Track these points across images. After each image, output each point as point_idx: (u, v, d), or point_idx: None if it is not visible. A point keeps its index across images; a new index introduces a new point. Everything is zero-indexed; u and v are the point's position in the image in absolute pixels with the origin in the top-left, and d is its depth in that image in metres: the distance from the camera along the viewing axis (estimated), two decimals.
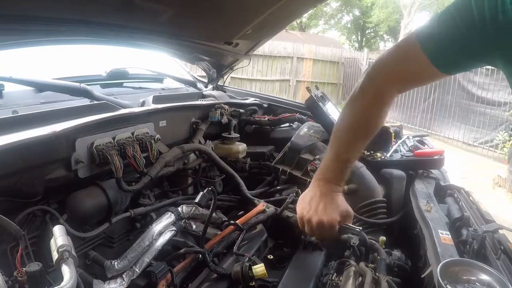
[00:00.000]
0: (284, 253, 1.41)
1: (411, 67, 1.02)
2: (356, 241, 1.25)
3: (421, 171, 1.70)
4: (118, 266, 1.16)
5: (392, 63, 1.06)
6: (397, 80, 1.09)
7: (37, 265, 0.83)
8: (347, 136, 1.15)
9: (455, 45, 0.89)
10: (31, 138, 1.02)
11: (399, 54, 1.05)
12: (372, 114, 1.13)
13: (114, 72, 1.97)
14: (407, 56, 1.01)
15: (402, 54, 1.04)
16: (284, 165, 1.88)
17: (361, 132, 1.15)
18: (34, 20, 1.26)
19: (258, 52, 10.17)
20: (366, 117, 1.13)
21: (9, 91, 1.46)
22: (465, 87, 8.72)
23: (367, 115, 1.13)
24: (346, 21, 25.14)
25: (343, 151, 1.15)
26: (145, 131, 1.41)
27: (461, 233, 1.19)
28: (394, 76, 1.08)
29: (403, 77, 1.08)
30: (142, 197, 1.48)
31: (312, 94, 1.95)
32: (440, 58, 0.94)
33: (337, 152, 1.15)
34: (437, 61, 0.94)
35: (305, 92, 3.75)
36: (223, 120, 1.95)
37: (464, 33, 0.86)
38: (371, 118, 1.14)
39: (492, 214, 1.29)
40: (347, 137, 1.15)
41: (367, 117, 1.13)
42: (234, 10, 1.79)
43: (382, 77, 1.08)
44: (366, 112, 1.12)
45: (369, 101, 1.11)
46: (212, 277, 1.16)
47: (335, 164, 1.16)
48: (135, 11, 1.48)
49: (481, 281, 0.87)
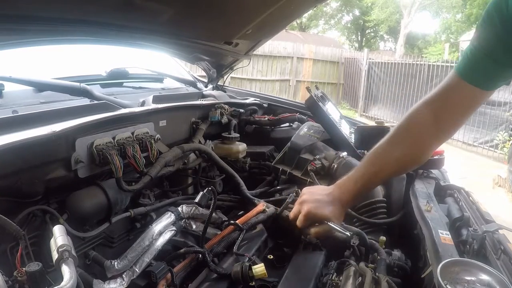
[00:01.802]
0: (284, 253, 1.41)
1: (459, 100, 1.02)
2: (356, 241, 1.25)
3: (421, 171, 1.70)
4: (118, 266, 1.16)
5: (440, 104, 1.05)
6: (446, 121, 1.07)
7: (37, 265, 0.83)
8: (376, 176, 1.15)
9: (486, 58, 0.92)
10: (31, 138, 1.02)
11: (445, 92, 1.05)
12: (408, 162, 1.14)
13: (114, 72, 1.97)
14: (453, 90, 1.02)
15: (447, 90, 1.04)
16: (284, 165, 1.88)
17: (390, 174, 1.18)
18: (34, 20, 1.26)
19: (258, 52, 10.17)
20: (402, 165, 1.15)
21: (9, 91, 1.46)
22: None
23: (404, 163, 1.14)
24: (346, 21, 25.16)
25: (372, 176, 1.15)
26: (145, 131, 1.41)
27: (461, 233, 1.19)
28: (442, 118, 1.06)
29: (452, 114, 1.06)
30: (142, 197, 1.48)
31: (312, 94, 1.95)
32: (478, 77, 0.96)
33: (365, 174, 1.15)
34: (477, 81, 0.96)
35: (305, 92, 3.76)
36: (223, 120, 1.95)
37: (490, 43, 0.90)
38: (406, 166, 1.17)
39: (492, 214, 1.29)
40: (376, 177, 1.15)
41: (404, 165, 1.15)
42: (234, 10, 1.78)
43: (427, 121, 1.07)
44: (403, 160, 1.13)
45: (406, 150, 1.11)
46: (212, 277, 1.16)
47: (356, 187, 1.16)
48: (135, 11, 1.47)
49: (481, 281, 0.87)
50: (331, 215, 1.14)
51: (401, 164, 1.15)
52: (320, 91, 2.13)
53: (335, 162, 1.72)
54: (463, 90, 0.99)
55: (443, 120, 1.06)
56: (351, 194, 1.16)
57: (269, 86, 12.19)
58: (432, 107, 1.06)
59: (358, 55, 13.25)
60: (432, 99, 1.07)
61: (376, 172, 1.14)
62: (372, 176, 1.14)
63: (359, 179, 1.14)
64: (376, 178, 1.16)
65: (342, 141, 1.85)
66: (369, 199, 1.55)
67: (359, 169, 1.17)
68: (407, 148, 1.10)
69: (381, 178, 1.18)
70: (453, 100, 1.03)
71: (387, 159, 1.12)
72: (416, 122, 1.09)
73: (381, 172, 1.14)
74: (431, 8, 19.48)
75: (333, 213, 1.15)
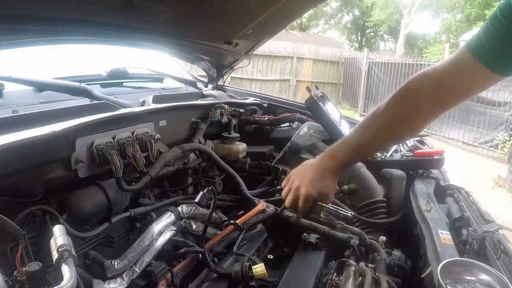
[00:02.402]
0: (284, 253, 1.41)
1: (466, 78, 0.99)
2: (356, 241, 1.25)
3: (421, 171, 1.70)
4: (118, 266, 1.16)
5: (445, 77, 1.02)
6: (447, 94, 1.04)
7: (37, 265, 0.83)
8: (376, 134, 1.11)
9: (504, 42, 0.88)
10: (31, 138, 1.02)
11: (453, 67, 1.01)
12: (407, 125, 1.09)
13: (114, 71, 1.97)
14: (462, 67, 0.98)
15: (456, 66, 1.00)
16: (284, 165, 1.88)
17: (387, 137, 1.13)
18: (34, 20, 1.26)
19: (258, 52, 10.17)
20: (398, 126, 1.10)
21: (9, 91, 1.46)
22: None
23: (401, 125, 1.09)
24: (346, 21, 25.16)
25: (365, 143, 1.12)
26: (145, 130, 1.41)
27: (461, 233, 1.20)
28: (445, 90, 1.03)
29: (456, 90, 1.03)
30: (142, 197, 1.48)
31: (312, 94, 1.95)
32: (493, 59, 0.92)
33: (356, 140, 1.12)
34: (491, 63, 0.93)
35: (305, 92, 3.76)
36: (223, 120, 1.95)
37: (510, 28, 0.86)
38: (403, 128, 1.11)
39: (492, 214, 1.29)
40: (375, 135, 1.11)
41: (400, 127, 1.10)
42: (234, 10, 1.78)
43: (427, 92, 1.04)
44: (400, 122, 1.09)
45: (404, 113, 1.07)
46: (212, 277, 1.16)
47: (348, 148, 1.13)
48: (135, 11, 1.47)
49: (481, 281, 0.87)
50: (329, 190, 1.14)
51: (396, 131, 1.11)
52: (320, 91, 2.13)
53: None
54: (475, 70, 0.95)
55: (446, 94, 1.03)
56: (342, 164, 1.14)
57: (269, 86, 12.18)
58: (436, 81, 1.02)
59: (358, 55, 13.24)
60: (437, 73, 1.03)
61: (370, 140, 1.11)
62: (366, 144, 1.11)
63: (352, 149, 1.12)
64: (369, 147, 1.14)
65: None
66: (369, 199, 1.55)
67: (352, 137, 1.14)
68: (403, 114, 1.07)
69: (374, 146, 1.16)
70: (462, 77, 0.99)
71: (381, 125, 1.09)
72: (416, 91, 1.05)
73: (375, 140, 1.11)
74: (431, 8, 19.48)
75: (328, 187, 1.14)
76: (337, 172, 1.15)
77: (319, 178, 1.13)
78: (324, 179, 1.13)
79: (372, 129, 1.11)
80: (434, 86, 1.02)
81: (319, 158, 1.17)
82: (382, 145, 1.18)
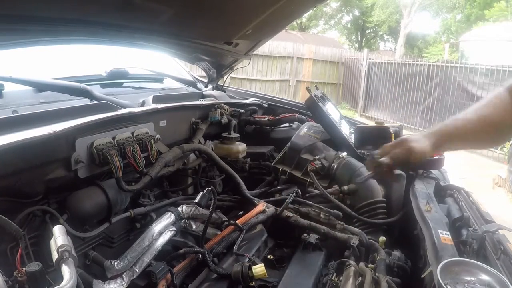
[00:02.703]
0: (284, 253, 1.41)
1: None
2: (356, 241, 1.25)
3: (421, 171, 1.70)
4: (118, 266, 1.16)
5: None
6: None
7: (37, 265, 0.83)
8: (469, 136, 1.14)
9: None
10: (31, 138, 1.02)
11: None
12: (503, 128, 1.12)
13: (114, 72, 1.97)
14: None
15: None
16: (284, 165, 1.88)
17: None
18: (34, 20, 1.26)
19: (258, 52, 10.17)
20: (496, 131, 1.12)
21: (9, 91, 1.46)
22: (465, 87, 8.73)
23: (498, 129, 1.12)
24: (346, 21, 25.15)
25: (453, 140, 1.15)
26: (145, 131, 1.41)
27: (461, 233, 1.20)
28: None
29: None
30: (142, 197, 1.48)
31: (312, 94, 1.95)
32: None
33: (457, 124, 1.14)
34: None
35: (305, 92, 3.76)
36: (223, 120, 1.95)
37: None
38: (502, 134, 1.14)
39: (492, 214, 1.29)
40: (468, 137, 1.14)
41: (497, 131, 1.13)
42: (234, 10, 1.78)
43: None
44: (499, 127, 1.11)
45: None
46: (212, 277, 1.16)
47: (449, 128, 1.15)
48: (135, 11, 1.47)
49: (481, 281, 0.87)
50: (425, 146, 1.14)
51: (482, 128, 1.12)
52: (320, 91, 2.13)
53: (335, 162, 1.72)
54: None
55: None
56: (445, 136, 1.15)
57: (269, 86, 12.18)
58: None
59: (358, 55, 13.23)
60: None
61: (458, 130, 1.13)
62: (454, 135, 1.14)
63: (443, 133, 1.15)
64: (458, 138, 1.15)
65: (342, 141, 1.85)
66: (369, 199, 1.55)
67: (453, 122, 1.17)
68: (489, 113, 1.10)
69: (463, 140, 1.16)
70: None
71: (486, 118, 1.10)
72: (496, 103, 1.09)
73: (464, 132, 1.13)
74: (431, 8, 19.48)
75: (424, 143, 1.14)
76: (437, 143, 1.15)
77: (423, 138, 1.14)
78: (427, 139, 1.14)
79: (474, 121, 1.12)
80: None
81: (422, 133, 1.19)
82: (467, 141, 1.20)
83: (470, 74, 8.50)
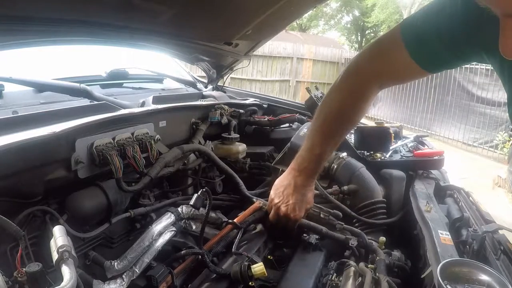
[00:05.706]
0: (284, 253, 1.41)
1: (395, 64, 1.02)
2: (354, 242, 1.25)
3: (421, 172, 1.71)
4: (118, 267, 1.16)
5: (377, 59, 1.06)
6: (380, 76, 1.08)
7: (37, 266, 0.83)
8: (322, 129, 1.16)
9: (437, 40, 0.89)
10: (31, 139, 1.02)
11: (383, 50, 1.04)
12: (349, 109, 1.14)
13: (114, 72, 1.97)
14: (391, 52, 1.00)
15: (386, 50, 1.03)
16: (284, 165, 1.88)
17: (336, 128, 1.17)
18: (34, 21, 1.26)
19: (258, 53, 10.17)
20: (343, 113, 1.14)
21: (9, 91, 1.46)
22: (465, 87, 8.73)
23: (344, 111, 1.13)
24: (346, 22, 25.15)
25: (317, 144, 1.17)
26: (145, 131, 1.41)
27: (461, 234, 1.20)
28: (377, 72, 1.07)
29: (386, 73, 1.08)
30: (142, 198, 1.48)
31: (312, 94, 1.95)
32: (422, 56, 0.94)
33: (312, 144, 1.17)
34: (420, 59, 0.94)
35: (305, 93, 3.75)
36: (223, 121, 1.95)
37: (447, 27, 0.85)
38: (348, 114, 1.15)
39: (492, 215, 1.30)
40: (323, 130, 1.16)
41: (344, 113, 1.14)
42: (234, 11, 1.79)
43: (364, 72, 1.08)
44: (343, 108, 1.13)
45: (347, 97, 1.11)
46: (212, 277, 1.16)
47: (309, 156, 1.18)
48: (135, 11, 1.48)
49: (481, 281, 0.87)
50: (312, 202, 1.21)
51: (343, 112, 1.15)
52: (320, 91, 2.13)
53: (335, 163, 1.72)
54: (410, 69, 0.99)
55: (385, 80, 1.11)
56: (312, 173, 1.20)
57: (269, 86, 12.19)
58: (375, 69, 1.08)
59: None
60: (374, 61, 1.08)
61: (322, 140, 1.16)
62: (323, 142, 1.17)
63: (311, 156, 1.18)
64: (325, 146, 1.18)
65: (342, 142, 1.85)
66: (369, 200, 1.55)
67: (307, 144, 1.20)
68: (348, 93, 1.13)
69: (332, 139, 1.19)
70: (397, 73, 1.05)
71: (329, 109, 1.15)
72: (357, 76, 1.12)
73: (332, 133, 1.17)
74: None
75: (311, 201, 1.21)
76: (312, 182, 1.21)
77: (301, 198, 1.20)
78: (305, 197, 1.20)
79: (320, 117, 1.17)
80: (369, 67, 1.08)
81: (291, 176, 1.21)
82: (333, 140, 1.22)
83: (470, 74, 8.51)
